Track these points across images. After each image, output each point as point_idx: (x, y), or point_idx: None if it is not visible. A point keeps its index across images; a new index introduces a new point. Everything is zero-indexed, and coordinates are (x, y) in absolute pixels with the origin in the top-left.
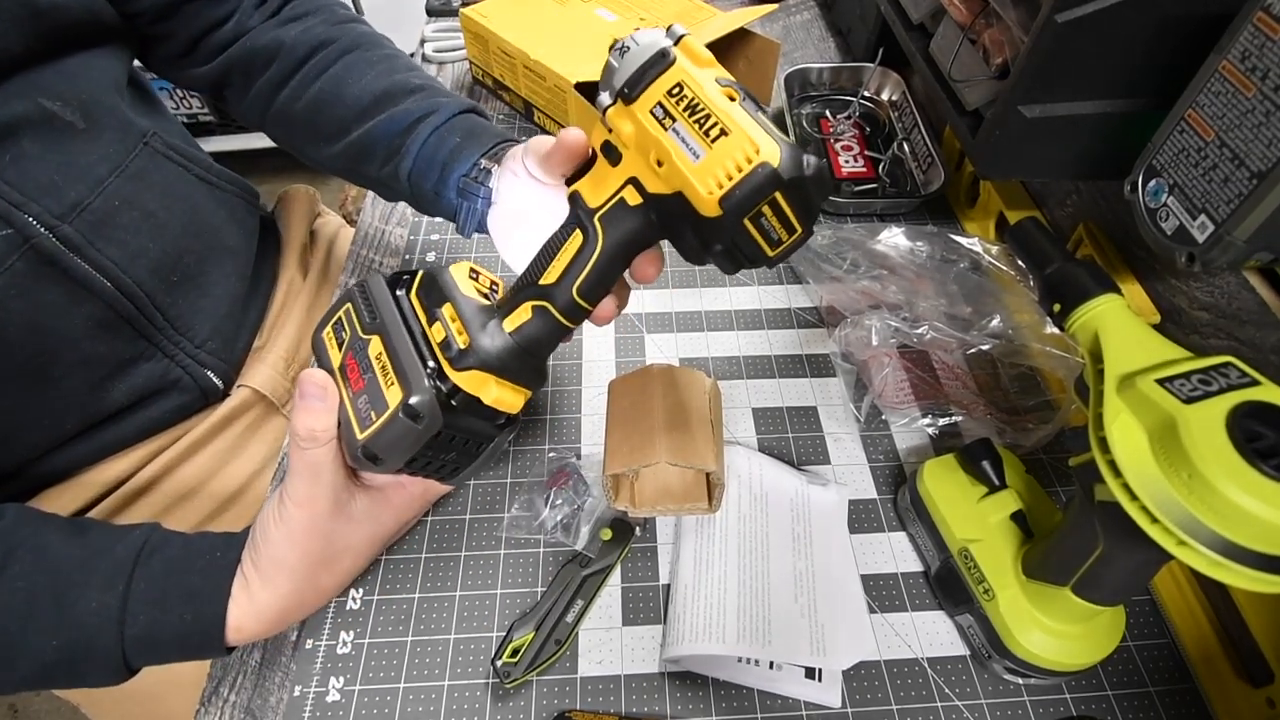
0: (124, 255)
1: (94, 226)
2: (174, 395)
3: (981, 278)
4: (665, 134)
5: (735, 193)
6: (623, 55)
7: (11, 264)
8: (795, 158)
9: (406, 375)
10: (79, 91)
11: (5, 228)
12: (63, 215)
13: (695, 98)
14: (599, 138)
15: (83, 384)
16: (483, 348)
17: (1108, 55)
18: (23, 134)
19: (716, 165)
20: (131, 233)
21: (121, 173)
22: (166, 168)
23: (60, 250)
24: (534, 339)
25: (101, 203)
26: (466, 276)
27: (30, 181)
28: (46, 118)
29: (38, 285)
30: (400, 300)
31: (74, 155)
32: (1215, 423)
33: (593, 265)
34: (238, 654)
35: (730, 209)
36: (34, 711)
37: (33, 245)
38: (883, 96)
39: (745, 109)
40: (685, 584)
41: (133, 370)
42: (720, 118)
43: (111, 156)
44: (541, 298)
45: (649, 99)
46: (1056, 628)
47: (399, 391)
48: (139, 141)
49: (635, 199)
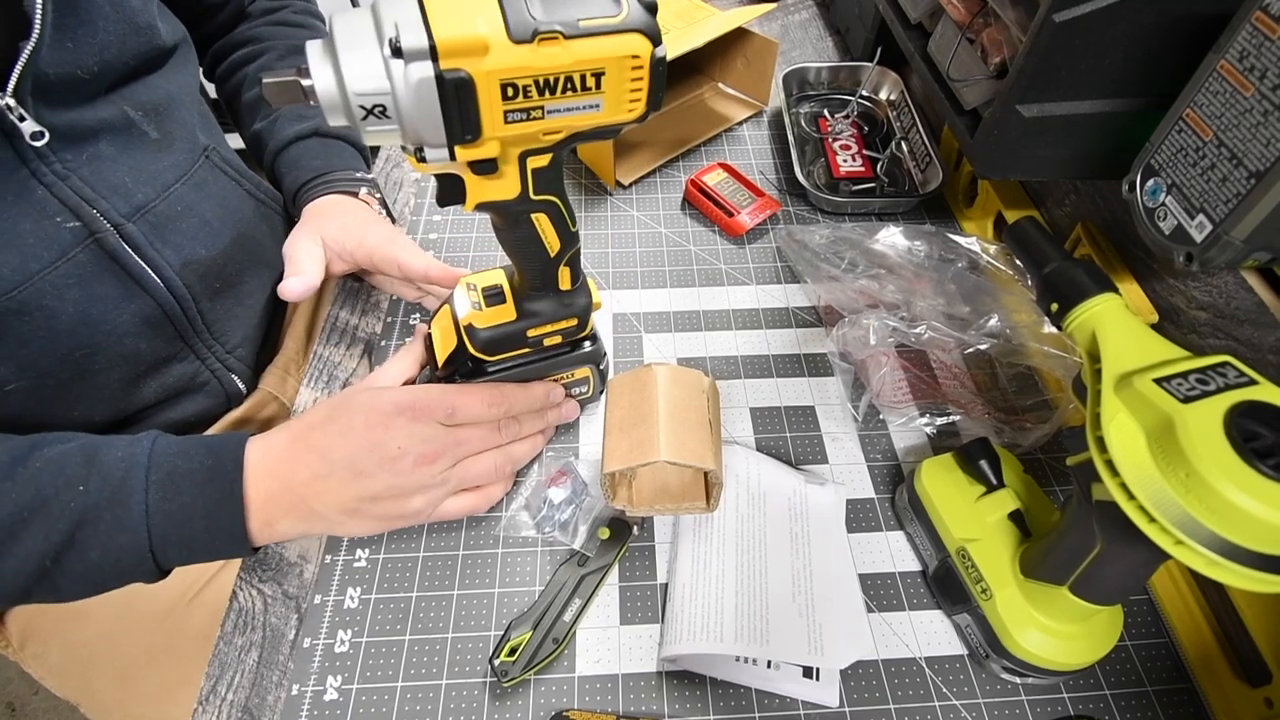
0: (178, 258)
1: (155, 228)
2: (200, 398)
3: (979, 277)
4: (548, 120)
5: (654, 94)
6: (381, 117)
7: (75, 255)
8: (650, 23)
9: None
10: (157, 104)
11: (73, 220)
12: (129, 215)
13: (532, 80)
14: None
15: (119, 379)
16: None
17: (1106, 55)
18: (102, 137)
19: (621, 98)
20: (188, 238)
21: (186, 181)
22: (222, 180)
23: (122, 247)
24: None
25: (165, 207)
26: (465, 291)
27: (103, 181)
28: (127, 125)
29: (95, 278)
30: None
31: (145, 161)
32: (1213, 422)
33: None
34: (235, 653)
35: (654, 106)
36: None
37: (97, 240)
38: (881, 96)
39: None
40: (683, 583)
41: (166, 370)
42: (574, 71)
43: (179, 165)
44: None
45: (495, 118)
46: (1054, 627)
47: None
48: (201, 154)
49: (544, 159)
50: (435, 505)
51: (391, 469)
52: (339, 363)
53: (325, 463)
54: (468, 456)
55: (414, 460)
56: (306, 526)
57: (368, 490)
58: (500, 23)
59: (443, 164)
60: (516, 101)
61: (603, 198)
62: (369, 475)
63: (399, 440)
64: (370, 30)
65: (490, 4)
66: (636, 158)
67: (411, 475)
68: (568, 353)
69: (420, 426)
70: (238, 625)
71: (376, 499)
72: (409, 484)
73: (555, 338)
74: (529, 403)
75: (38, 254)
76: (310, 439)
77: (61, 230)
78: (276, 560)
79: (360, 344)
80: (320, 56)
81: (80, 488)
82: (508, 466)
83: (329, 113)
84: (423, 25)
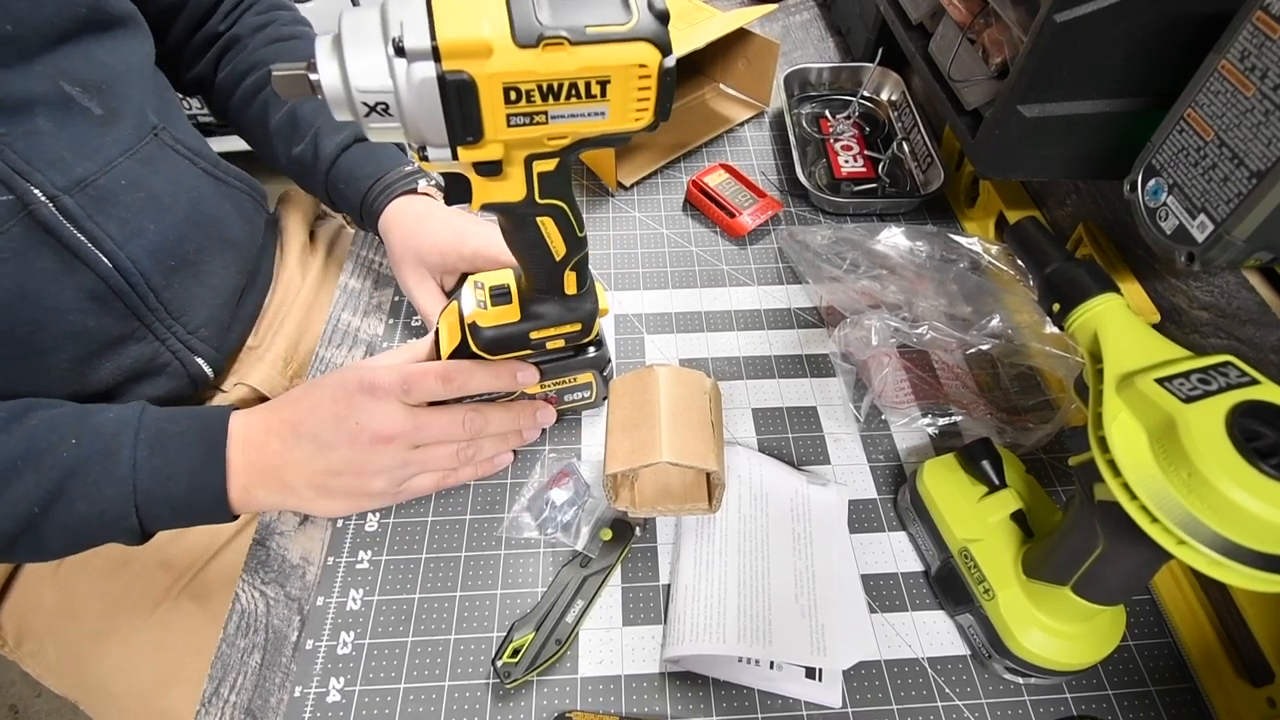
0: (122, 232)
1: (95, 202)
2: (162, 380)
3: (981, 277)
4: (551, 125)
5: (661, 104)
6: (384, 114)
7: (9, 228)
8: (660, 32)
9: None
10: (100, 80)
11: (5, 193)
12: (66, 188)
13: (535, 85)
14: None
15: (70, 358)
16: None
17: (1107, 55)
18: (38, 111)
19: (627, 107)
20: (133, 212)
21: (131, 156)
22: (174, 159)
23: (58, 220)
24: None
25: (107, 181)
26: (472, 289)
27: (38, 154)
28: (64, 100)
29: (32, 252)
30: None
31: (86, 137)
32: (1215, 422)
33: (573, 214)
34: (238, 655)
35: (663, 116)
36: (34, 712)
37: (30, 212)
38: (882, 96)
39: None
40: (685, 584)
41: (121, 350)
42: (578, 77)
43: (122, 140)
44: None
45: (497, 121)
46: (1057, 627)
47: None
48: (150, 132)
49: (550, 164)
50: (397, 486)
51: (351, 444)
52: (340, 364)
53: (294, 435)
54: (431, 443)
55: (370, 437)
56: (280, 499)
57: (330, 464)
58: (506, 26)
59: (446, 163)
60: (519, 105)
61: (604, 199)
62: (331, 448)
63: (358, 416)
64: (377, 28)
65: (498, 6)
66: (638, 159)
67: (369, 452)
68: (571, 357)
69: (380, 404)
70: (240, 627)
71: (339, 473)
72: (369, 462)
73: (558, 341)
74: (490, 386)
75: None
76: (283, 413)
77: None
78: (279, 562)
79: (362, 345)
80: (328, 52)
81: (73, 441)
82: (470, 450)
83: (334, 107)
84: (427, 25)
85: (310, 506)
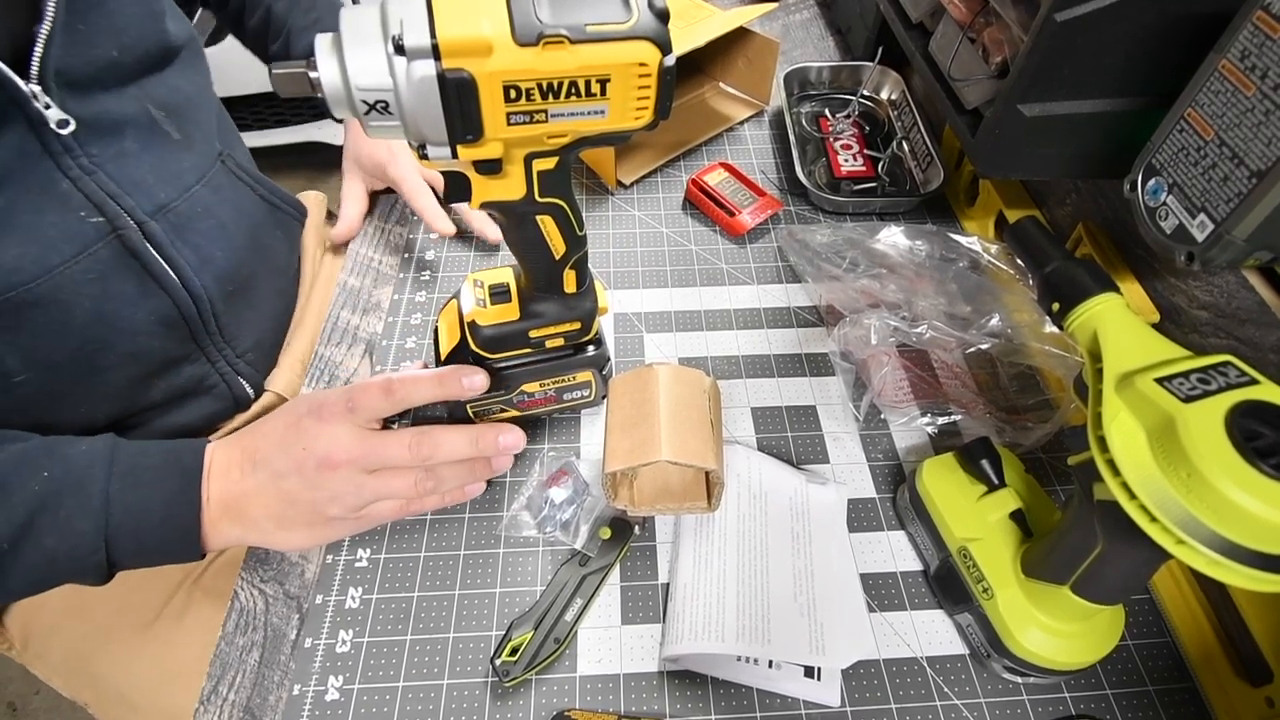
0: (197, 259)
1: (176, 228)
2: (207, 400)
3: (981, 277)
4: (551, 124)
5: (661, 103)
6: (382, 112)
7: (96, 250)
8: (660, 31)
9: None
10: (177, 104)
11: (97, 215)
12: (152, 212)
13: (535, 83)
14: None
15: (126, 377)
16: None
17: (1107, 54)
18: (127, 133)
19: (627, 105)
20: (206, 239)
21: (205, 183)
22: (237, 185)
23: (144, 245)
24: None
25: (186, 207)
26: (472, 287)
27: (126, 177)
28: (150, 122)
29: (115, 274)
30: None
31: (167, 160)
32: (1214, 422)
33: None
34: (237, 653)
35: (663, 114)
36: (34, 711)
37: (119, 235)
38: (882, 95)
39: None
40: (684, 583)
41: (176, 371)
42: (578, 76)
43: (198, 167)
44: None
45: (497, 120)
46: (1056, 627)
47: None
48: (217, 158)
49: (550, 162)
50: (356, 513)
51: (299, 471)
52: (340, 362)
53: (251, 464)
54: (383, 469)
55: (316, 463)
56: (241, 532)
57: (284, 492)
58: (506, 24)
59: (446, 162)
60: (519, 104)
61: (604, 197)
62: (282, 476)
63: (304, 441)
64: (377, 26)
65: (498, 5)
66: (637, 157)
67: (318, 477)
68: (570, 355)
69: (325, 427)
70: (239, 625)
71: (294, 502)
72: (320, 488)
73: (558, 340)
74: (434, 395)
75: (59, 248)
76: (244, 441)
77: (84, 225)
78: (278, 560)
79: (361, 344)
80: (327, 50)
81: (44, 474)
82: (429, 482)
83: (333, 105)
84: (427, 24)
85: (272, 540)
